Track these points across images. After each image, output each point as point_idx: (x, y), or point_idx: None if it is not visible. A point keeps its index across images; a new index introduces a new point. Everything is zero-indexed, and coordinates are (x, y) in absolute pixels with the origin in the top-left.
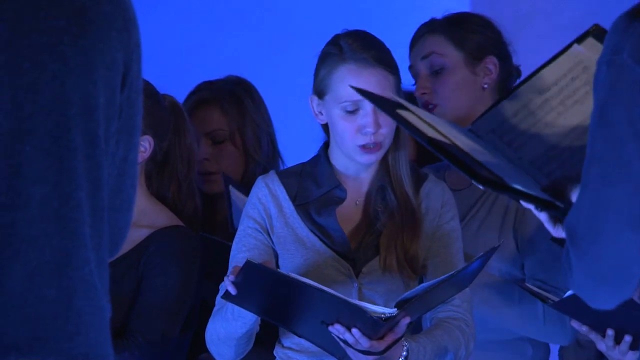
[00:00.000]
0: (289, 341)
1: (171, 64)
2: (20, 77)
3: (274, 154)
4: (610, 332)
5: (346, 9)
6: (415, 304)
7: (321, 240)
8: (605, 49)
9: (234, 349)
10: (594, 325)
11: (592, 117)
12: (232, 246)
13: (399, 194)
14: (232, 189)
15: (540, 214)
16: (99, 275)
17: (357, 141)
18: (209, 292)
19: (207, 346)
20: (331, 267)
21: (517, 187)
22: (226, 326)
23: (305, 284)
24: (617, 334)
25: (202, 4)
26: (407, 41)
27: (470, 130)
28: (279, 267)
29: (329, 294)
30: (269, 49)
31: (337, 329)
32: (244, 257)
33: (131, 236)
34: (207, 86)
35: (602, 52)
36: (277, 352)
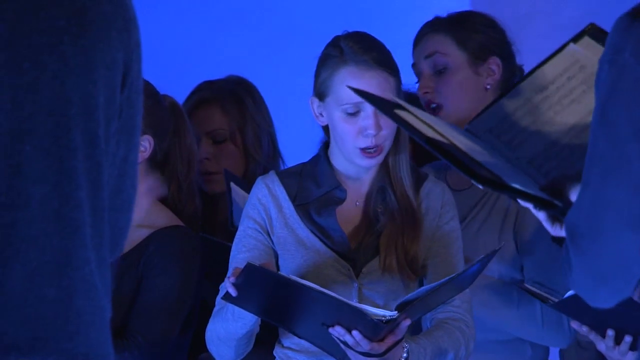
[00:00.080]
0: (288, 341)
1: (171, 64)
2: (20, 77)
3: (274, 153)
4: (610, 332)
5: (346, 9)
6: (415, 306)
7: (321, 240)
8: (607, 48)
9: (234, 349)
10: (594, 325)
11: (593, 116)
12: (232, 246)
13: (399, 195)
14: (233, 185)
15: (538, 213)
16: (100, 275)
17: (358, 143)
18: (209, 292)
19: (207, 346)
20: (331, 267)
21: (516, 186)
22: (226, 327)
23: (306, 286)
24: (617, 335)
25: (202, 4)
26: (407, 41)
27: (467, 129)
28: (278, 267)
29: (330, 296)
30: (269, 49)
31: (338, 331)
32: (244, 257)
33: (131, 236)
34: (208, 86)
35: (604, 51)
36: (277, 352)
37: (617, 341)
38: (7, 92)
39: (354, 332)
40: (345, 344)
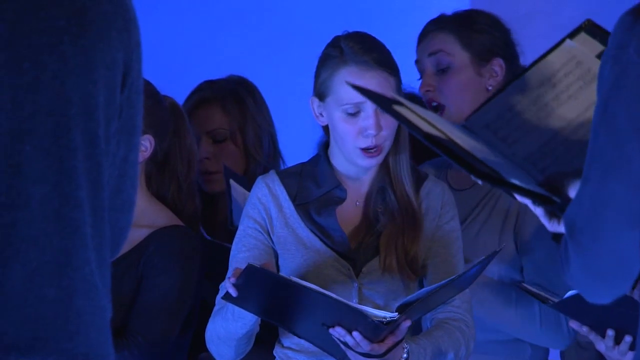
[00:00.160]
0: (288, 341)
1: (171, 64)
2: (20, 77)
3: (274, 153)
4: (610, 332)
5: (346, 9)
6: (416, 307)
7: (321, 240)
8: (610, 44)
9: (234, 349)
10: (594, 325)
11: (595, 112)
12: (232, 246)
13: (399, 195)
14: (232, 183)
15: (536, 209)
16: (100, 275)
17: (359, 143)
18: (209, 292)
19: (207, 346)
20: (331, 267)
21: (515, 181)
22: (226, 326)
23: (306, 287)
24: (617, 335)
25: (202, 4)
26: (407, 41)
27: (464, 126)
28: (278, 267)
29: (330, 297)
30: (269, 49)
31: (338, 332)
32: (244, 257)
33: (131, 236)
34: (209, 85)
35: (607, 47)
36: (277, 352)
37: (617, 341)
38: (7, 92)
39: (355, 333)
40: (345, 344)
